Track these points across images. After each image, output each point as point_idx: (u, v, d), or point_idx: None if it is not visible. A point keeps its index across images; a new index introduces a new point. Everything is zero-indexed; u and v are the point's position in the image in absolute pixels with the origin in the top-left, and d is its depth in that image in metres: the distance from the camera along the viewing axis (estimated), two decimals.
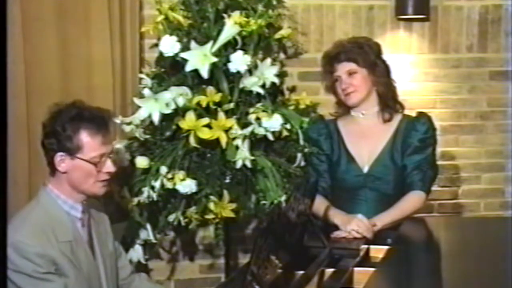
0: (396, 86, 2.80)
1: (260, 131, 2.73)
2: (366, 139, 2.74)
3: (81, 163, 2.18)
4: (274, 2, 3.00)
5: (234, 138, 2.69)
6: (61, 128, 2.17)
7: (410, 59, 3.46)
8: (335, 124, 2.81)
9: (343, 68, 2.73)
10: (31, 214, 2.19)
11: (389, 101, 2.75)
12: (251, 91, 2.80)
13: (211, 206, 2.71)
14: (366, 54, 2.72)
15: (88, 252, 2.25)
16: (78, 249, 2.20)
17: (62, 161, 2.18)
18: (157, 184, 2.68)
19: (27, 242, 2.10)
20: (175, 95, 2.69)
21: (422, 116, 2.77)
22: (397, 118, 2.76)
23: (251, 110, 2.78)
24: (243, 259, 3.29)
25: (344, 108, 2.81)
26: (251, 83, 2.78)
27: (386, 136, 2.73)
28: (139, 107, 2.73)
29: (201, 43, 2.75)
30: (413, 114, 2.79)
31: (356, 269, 2.19)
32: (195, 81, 2.78)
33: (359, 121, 2.77)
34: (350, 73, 2.72)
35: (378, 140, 2.73)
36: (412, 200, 2.68)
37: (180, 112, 2.70)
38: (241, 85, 2.79)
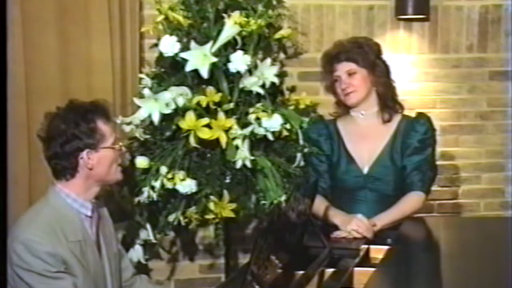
0: (396, 86, 2.80)
1: (260, 131, 2.73)
2: (366, 139, 2.74)
3: (106, 152, 2.23)
4: (274, 2, 3.00)
5: (234, 138, 2.69)
6: (78, 127, 2.19)
7: (410, 59, 3.46)
8: (334, 125, 2.81)
9: (342, 68, 2.73)
10: (41, 213, 2.19)
11: (388, 101, 2.75)
12: (251, 91, 2.80)
13: (211, 206, 2.71)
14: (366, 54, 2.72)
15: (95, 252, 2.25)
16: (86, 249, 2.21)
17: (88, 157, 2.20)
18: (157, 184, 2.68)
19: (38, 241, 2.10)
20: (175, 95, 2.69)
21: (422, 117, 2.77)
22: (397, 118, 2.76)
23: (251, 110, 2.78)
24: (243, 259, 3.29)
25: (344, 108, 2.81)
26: (251, 83, 2.78)
27: (386, 137, 2.73)
28: (139, 107, 2.73)
29: (201, 43, 2.75)
30: (413, 114, 2.79)
31: (356, 269, 2.19)
32: (195, 81, 2.78)
33: (359, 121, 2.77)
34: (350, 73, 2.72)
35: (378, 140, 2.73)
36: (411, 201, 2.68)
37: (180, 112, 2.70)
38: (241, 85, 2.79)
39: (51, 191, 2.24)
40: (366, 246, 2.41)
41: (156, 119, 2.70)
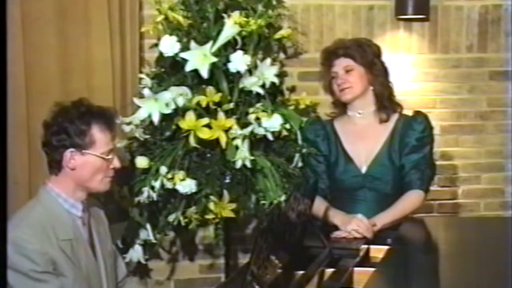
0: (393, 87, 2.80)
1: (260, 131, 2.73)
2: (364, 139, 2.74)
3: (92, 158, 2.19)
4: (274, 2, 3.00)
5: (234, 138, 2.69)
6: (72, 124, 2.17)
7: (410, 59, 3.46)
8: (332, 125, 2.81)
9: (340, 64, 2.73)
10: (31, 212, 2.19)
11: (385, 102, 2.75)
12: (251, 91, 2.80)
13: (211, 206, 2.71)
14: (365, 52, 2.73)
15: (88, 251, 2.25)
16: (78, 248, 2.20)
17: (72, 157, 2.18)
18: (157, 184, 2.68)
19: (27, 239, 2.09)
20: (175, 95, 2.69)
21: (419, 115, 2.77)
22: (394, 117, 2.76)
23: (251, 110, 2.78)
24: (243, 259, 3.29)
25: (341, 108, 2.81)
26: (251, 83, 2.78)
27: (383, 136, 2.73)
28: (139, 107, 2.73)
29: (201, 43, 2.75)
30: (410, 113, 2.79)
31: (356, 269, 2.19)
32: (195, 81, 2.78)
33: (356, 121, 2.77)
34: (347, 70, 2.72)
35: (376, 140, 2.73)
36: (411, 199, 2.68)
37: (180, 112, 2.70)
38: (241, 85, 2.79)
39: (42, 190, 2.24)
40: (366, 246, 2.41)
41: (156, 119, 2.70)
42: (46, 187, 2.23)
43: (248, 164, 2.68)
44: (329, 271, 2.18)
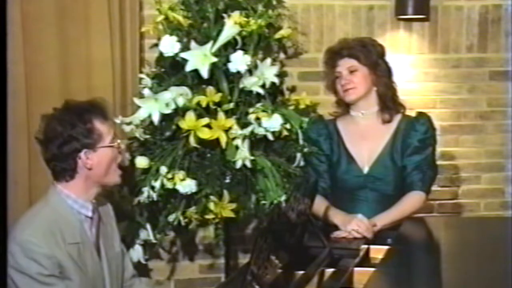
0: (397, 87, 2.80)
1: (260, 131, 2.73)
2: (366, 139, 2.74)
3: (105, 151, 2.22)
4: (274, 2, 3.00)
5: (234, 138, 2.69)
6: (75, 128, 2.18)
7: (410, 59, 3.46)
8: (334, 124, 2.81)
9: (344, 64, 2.73)
10: (40, 214, 2.18)
11: (388, 102, 2.75)
12: (251, 91, 2.80)
13: (211, 206, 2.71)
14: (369, 52, 2.73)
15: (94, 254, 2.24)
16: (85, 251, 2.20)
17: (87, 157, 2.19)
18: (157, 184, 2.68)
19: (36, 242, 2.09)
20: (175, 95, 2.69)
21: (422, 117, 2.77)
22: (397, 118, 2.76)
23: (251, 110, 2.78)
24: (243, 259, 3.29)
25: (344, 108, 2.81)
26: (251, 83, 2.78)
27: (386, 137, 2.73)
28: (139, 107, 2.73)
29: (201, 43, 2.75)
30: (413, 114, 2.79)
31: (356, 269, 2.19)
32: (195, 81, 2.78)
33: (359, 121, 2.77)
34: (351, 71, 2.72)
35: (378, 140, 2.73)
36: (412, 200, 2.68)
37: (180, 112, 2.70)
38: (241, 85, 2.79)
39: (52, 192, 2.23)
40: (366, 246, 2.41)
41: (156, 119, 2.70)
42: (56, 188, 2.23)
43: (248, 164, 2.68)
44: (329, 271, 2.18)
